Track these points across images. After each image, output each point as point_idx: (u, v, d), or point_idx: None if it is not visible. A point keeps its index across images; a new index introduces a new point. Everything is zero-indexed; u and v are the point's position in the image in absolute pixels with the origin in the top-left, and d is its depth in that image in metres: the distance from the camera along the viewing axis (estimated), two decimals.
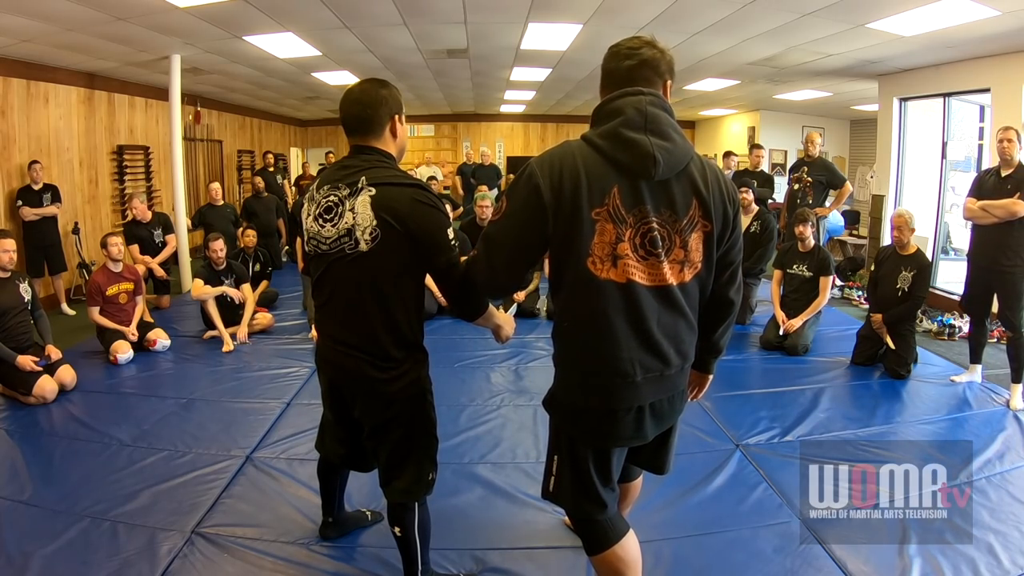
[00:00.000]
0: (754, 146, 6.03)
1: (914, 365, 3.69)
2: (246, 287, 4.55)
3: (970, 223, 3.44)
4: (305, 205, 1.62)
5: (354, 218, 1.49)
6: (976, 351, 3.55)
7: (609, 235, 1.27)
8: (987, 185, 3.31)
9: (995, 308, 3.45)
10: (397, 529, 1.70)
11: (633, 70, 1.30)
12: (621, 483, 1.61)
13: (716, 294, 1.42)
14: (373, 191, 1.49)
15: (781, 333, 4.11)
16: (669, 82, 1.35)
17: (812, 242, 4.21)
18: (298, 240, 4.94)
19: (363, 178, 1.50)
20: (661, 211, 1.29)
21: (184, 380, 3.65)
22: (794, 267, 4.26)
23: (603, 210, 1.26)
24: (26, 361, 3.23)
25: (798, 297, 4.21)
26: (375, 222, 1.47)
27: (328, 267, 1.56)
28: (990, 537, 2.10)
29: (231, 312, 4.44)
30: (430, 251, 1.50)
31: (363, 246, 1.49)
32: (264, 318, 4.64)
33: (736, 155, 6.97)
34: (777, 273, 4.42)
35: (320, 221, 1.55)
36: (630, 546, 1.48)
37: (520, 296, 4.94)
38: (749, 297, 4.84)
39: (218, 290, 4.34)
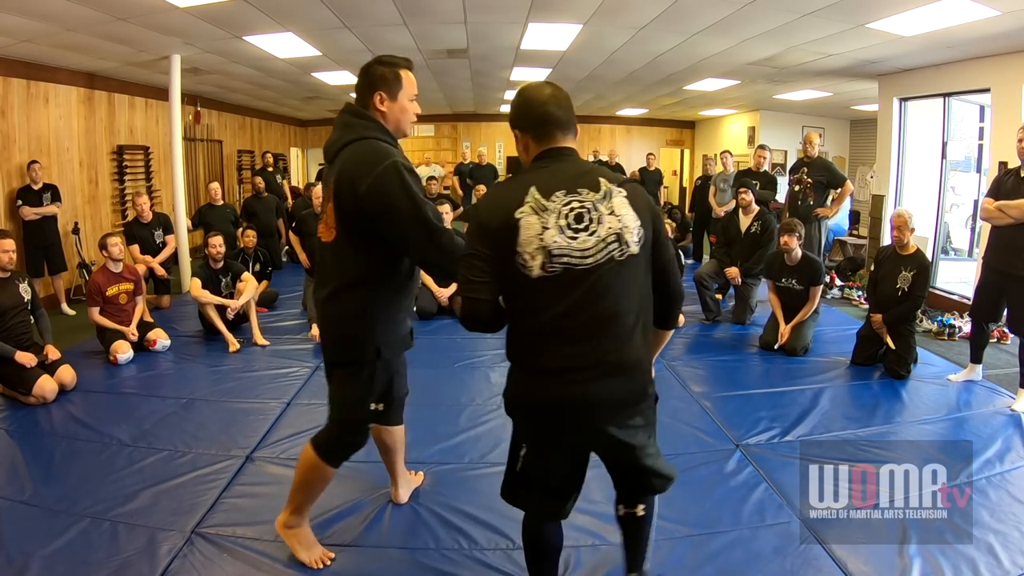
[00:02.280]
0: (759, 146, 5.96)
1: (914, 365, 3.68)
2: (246, 275, 4.53)
3: (976, 225, 3.38)
4: None
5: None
6: (976, 352, 3.53)
7: None
8: (1006, 186, 3.20)
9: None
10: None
11: None
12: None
13: None
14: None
15: (776, 348, 4.10)
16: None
17: (799, 254, 4.10)
18: (294, 238, 4.96)
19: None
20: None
21: (184, 380, 3.65)
22: (783, 281, 4.20)
23: None
24: (25, 355, 3.23)
25: (794, 307, 4.17)
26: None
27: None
28: (990, 537, 2.09)
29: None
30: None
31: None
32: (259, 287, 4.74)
33: (732, 154, 6.93)
34: (770, 282, 4.37)
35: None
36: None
37: None
38: (749, 297, 4.83)
39: (216, 299, 4.32)
